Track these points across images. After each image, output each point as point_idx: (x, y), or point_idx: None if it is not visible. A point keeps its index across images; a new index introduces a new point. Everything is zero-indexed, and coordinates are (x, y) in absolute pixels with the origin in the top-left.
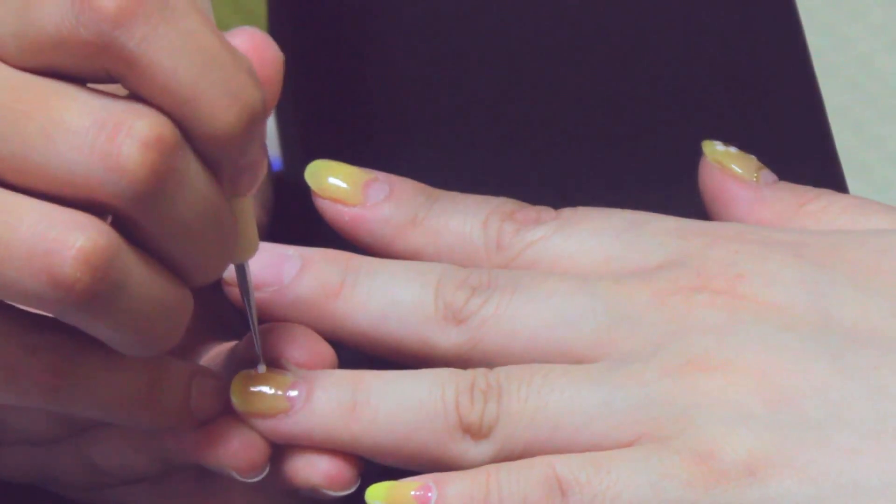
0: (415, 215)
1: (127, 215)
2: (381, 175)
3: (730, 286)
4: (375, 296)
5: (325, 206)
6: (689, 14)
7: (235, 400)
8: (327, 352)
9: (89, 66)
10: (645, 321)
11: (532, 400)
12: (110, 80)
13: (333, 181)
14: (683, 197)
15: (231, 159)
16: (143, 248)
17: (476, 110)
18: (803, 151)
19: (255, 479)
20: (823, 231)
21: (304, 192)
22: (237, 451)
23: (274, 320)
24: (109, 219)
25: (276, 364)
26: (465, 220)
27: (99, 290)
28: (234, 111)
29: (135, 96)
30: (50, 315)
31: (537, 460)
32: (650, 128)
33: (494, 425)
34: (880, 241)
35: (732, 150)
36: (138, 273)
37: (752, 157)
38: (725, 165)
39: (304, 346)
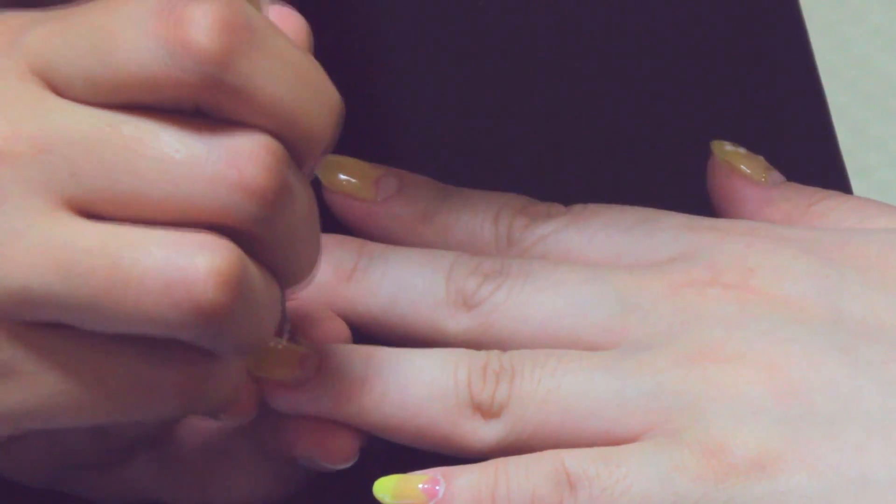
0: (425, 211)
1: (246, 232)
2: (392, 171)
3: (741, 280)
4: (387, 280)
5: (336, 201)
6: (694, 16)
7: (248, 364)
8: (341, 328)
9: (176, 100)
10: (656, 311)
11: (545, 382)
12: (194, 109)
13: (344, 176)
14: (690, 198)
15: (319, 158)
16: (255, 257)
17: (483, 111)
18: (807, 153)
19: (239, 422)
20: (833, 229)
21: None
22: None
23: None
24: None
25: (290, 340)
26: (475, 215)
27: (236, 307)
28: (328, 119)
29: (230, 120)
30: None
31: (546, 454)
32: (655, 130)
33: (505, 405)
34: (889, 238)
35: (741, 150)
36: (259, 283)
37: (761, 157)
38: (734, 166)
39: (318, 323)
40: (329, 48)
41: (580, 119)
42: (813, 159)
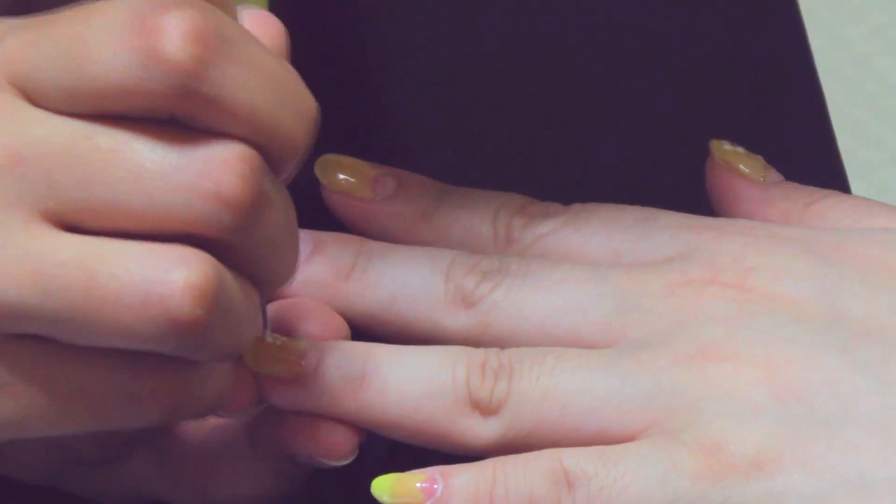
0: (424, 210)
1: (222, 241)
2: (391, 170)
3: (739, 279)
4: (386, 278)
5: (335, 200)
6: (693, 16)
7: (248, 360)
8: (340, 325)
9: (150, 110)
10: (655, 311)
11: (543, 380)
12: (170, 118)
13: (343, 175)
14: (689, 197)
15: (294, 165)
16: (232, 266)
17: (481, 112)
18: (807, 153)
19: (241, 418)
20: (832, 229)
21: (305, 193)
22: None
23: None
24: None
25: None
26: (474, 214)
27: (213, 320)
28: (303, 126)
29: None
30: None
31: (544, 453)
32: (654, 130)
33: (504, 403)
34: (888, 237)
35: (740, 149)
36: (236, 293)
37: (759, 157)
38: (733, 165)
39: (317, 320)
40: (329, 47)
41: (579, 119)
42: (812, 159)
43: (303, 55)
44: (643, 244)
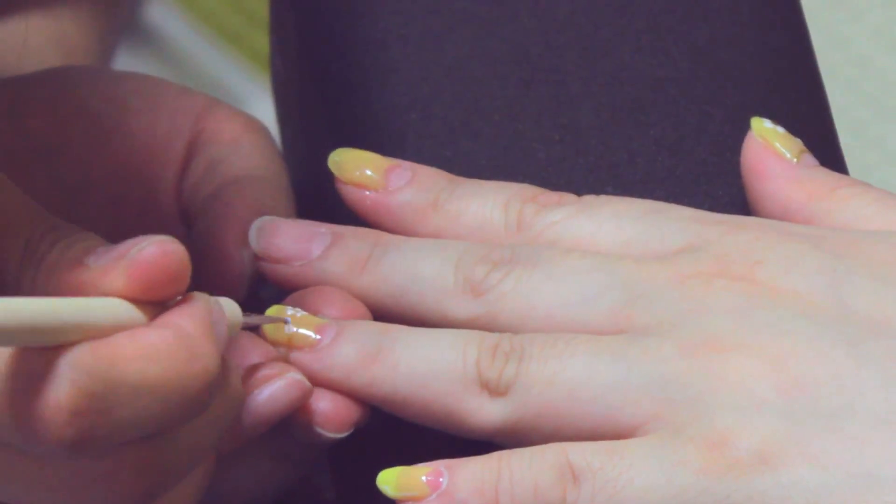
0: (436, 199)
1: None
2: (404, 162)
3: (748, 272)
4: (397, 270)
5: (348, 192)
6: (694, 16)
7: (267, 331)
8: (362, 310)
9: None
10: (662, 300)
11: (552, 363)
12: None
13: (357, 168)
14: (687, 197)
15: None
16: None
17: (485, 115)
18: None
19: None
20: (842, 229)
21: (306, 194)
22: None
23: None
24: None
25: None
26: (485, 202)
27: None
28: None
29: None
30: None
31: (550, 446)
32: (654, 130)
33: (512, 384)
34: None
35: (780, 129)
36: None
37: (798, 140)
38: (769, 141)
39: (339, 304)
40: (325, 48)
41: (580, 120)
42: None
43: (299, 61)
44: (653, 235)
